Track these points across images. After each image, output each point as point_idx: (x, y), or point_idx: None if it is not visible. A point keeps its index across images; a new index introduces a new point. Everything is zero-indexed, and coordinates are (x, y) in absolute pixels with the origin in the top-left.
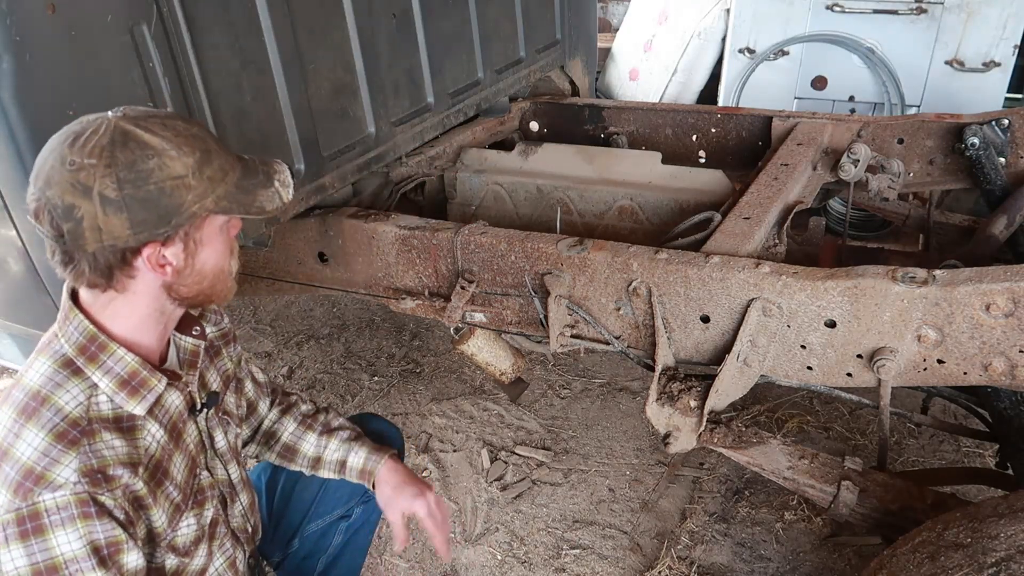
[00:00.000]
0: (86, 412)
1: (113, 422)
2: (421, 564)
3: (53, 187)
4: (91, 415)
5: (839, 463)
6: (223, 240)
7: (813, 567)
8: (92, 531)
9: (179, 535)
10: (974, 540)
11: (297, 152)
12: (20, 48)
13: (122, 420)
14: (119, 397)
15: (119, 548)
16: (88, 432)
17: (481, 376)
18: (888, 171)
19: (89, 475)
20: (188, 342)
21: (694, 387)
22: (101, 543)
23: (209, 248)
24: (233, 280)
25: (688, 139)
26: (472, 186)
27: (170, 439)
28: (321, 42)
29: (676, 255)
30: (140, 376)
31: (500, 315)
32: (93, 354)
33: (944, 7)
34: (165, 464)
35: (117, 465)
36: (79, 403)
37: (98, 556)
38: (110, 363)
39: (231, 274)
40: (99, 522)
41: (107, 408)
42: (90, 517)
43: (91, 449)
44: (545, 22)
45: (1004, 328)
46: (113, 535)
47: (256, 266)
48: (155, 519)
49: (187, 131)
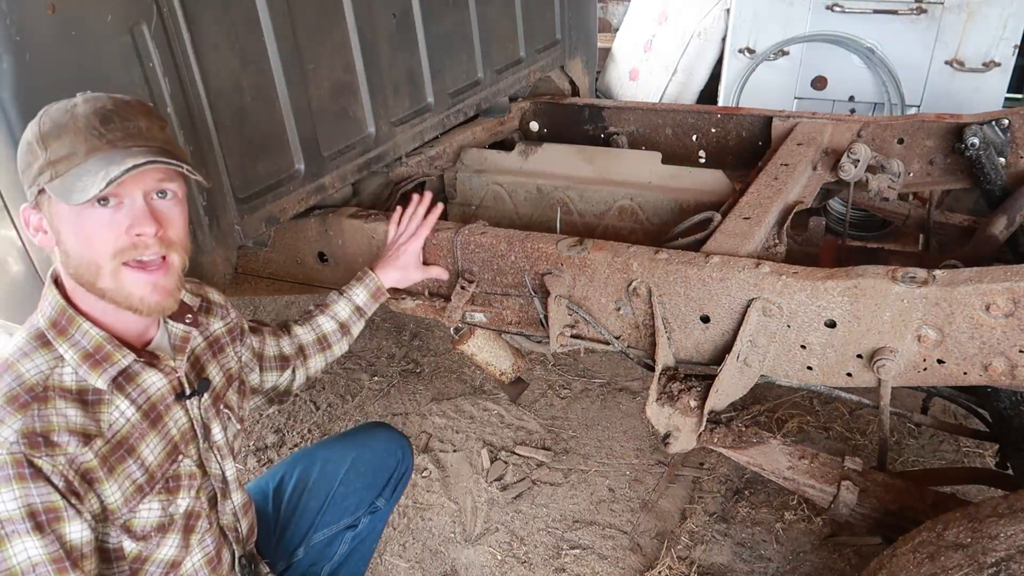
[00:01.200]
0: (44, 380)
1: (75, 393)
2: (421, 564)
3: None
4: (49, 383)
5: (839, 463)
6: (89, 225)
7: (813, 567)
8: (27, 493)
9: (137, 517)
10: (974, 540)
11: (297, 152)
12: (20, 48)
13: (86, 393)
14: (82, 370)
15: (58, 516)
16: (40, 398)
17: (481, 376)
18: (888, 171)
19: (29, 437)
20: (179, 328)
21: (694, 387)
22: (38, 507)
23: (65, 228)
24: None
25: (688, 139)
26: (472, 186)
27: (144, 419)
28: (321, 42)
29: (676, 255)
30: (104, 350)
31: (500, 315)
32: (63, 328)
33: (944, 7)
34: (133, 442)
35: (64, 432)
36: (39, 371)
37: (34, 520)
38: (77, 336)
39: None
40: (33, 485)
41: (70, 380)
42: (24, 479)
43: (39, 414)
44: (545, 22)
45: (1004, 328)
46: (50, 500)
47: (256, 266)
48: (108, 496)
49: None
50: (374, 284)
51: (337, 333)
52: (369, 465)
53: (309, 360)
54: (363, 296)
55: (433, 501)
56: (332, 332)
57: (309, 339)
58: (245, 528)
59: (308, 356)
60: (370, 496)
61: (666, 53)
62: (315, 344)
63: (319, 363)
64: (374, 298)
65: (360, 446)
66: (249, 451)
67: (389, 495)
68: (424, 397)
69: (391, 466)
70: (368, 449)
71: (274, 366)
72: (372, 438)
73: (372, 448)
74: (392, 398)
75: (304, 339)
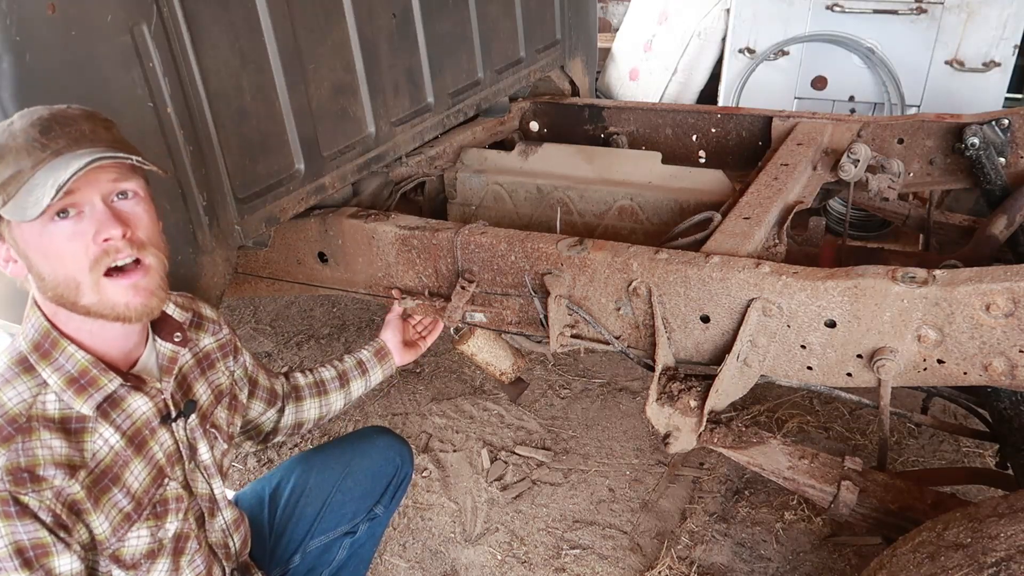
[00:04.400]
0: (28, 410)
1: (58, 423)
2: (421, 564)
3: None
4: (32, 413)
5: (839, 463)
6: (51, 242)
7: (813, 567)
8: (14, 531)
9: (126, 546)
10: (974, 540)
11: (297, 152)
12: (20, 48)
13: (69, 421)
14: (66, 395)
15: (46, 551)
16: (24, 429)
17: (481, 376)
18: (888, 171)
19: (14, 473)
20: (167, 348)
21: (694, 387)
22: (25, 544)
23: (32, 251)
24: (116, 295)
25: (688, 139)
26: (472, 186)
27: (129, 445)
28: (321, 42)
29: (676, 255)
30: (90, 375)
31: (500, 315)
32: (46, 351)
33: (944, 7)
34: (117, 471)
35: (49, 465)
36: (22, 400)
37: (22, 557)
38: (61, 360)
39: (95, 287)
40: (20, 523)
41: (53, 408)
42: (10, 516)
43: (23, 447)
44: (545, 22)
45: (1004, 328)
46: (37, 537)
47: (256, 266)
48: (96, 526)
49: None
50: (378, 345)
51: (335, 381)
52: (367, 472)
53: (303, 402)
54: (367, 353)
55: (433, 501)
56: (330, 379)
57: (307, 382)
58: (237, 543)
59: (302, 398)
60: (368, 503)
61: (666, 53)
62: (311, 387)
63: (313, 408)
64: (378, 356)
65: (359, 452)
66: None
67: (388, 502)
68: (424, 397)
69: (390, 473)
70: (367, 456)
71: (264, 397)
72: (371, 444)
73: (371, 455)
74: (392, 398)
75: (301, 381)
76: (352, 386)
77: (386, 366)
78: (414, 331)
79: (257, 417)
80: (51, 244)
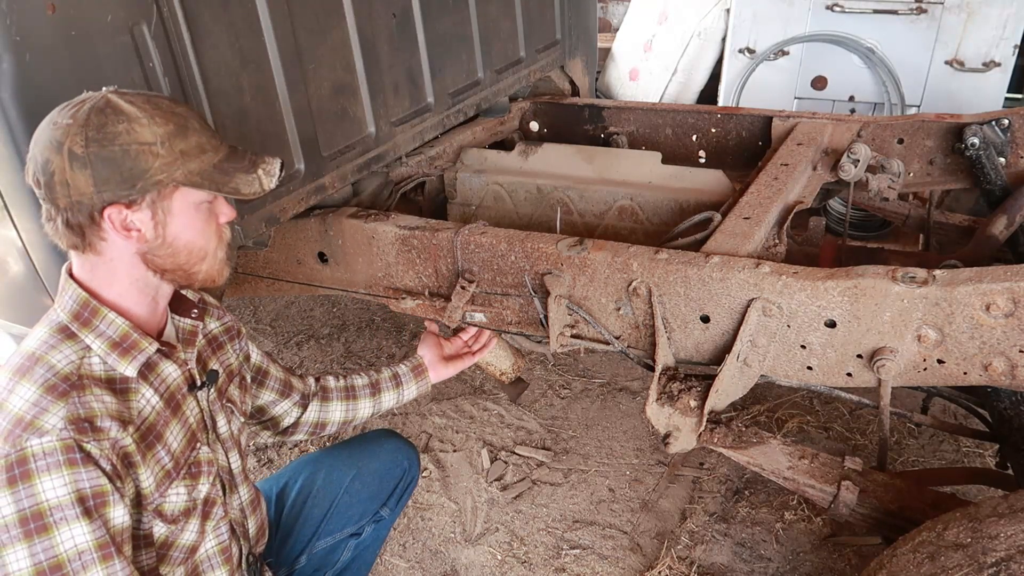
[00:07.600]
0: (77, 369)
1: (105, 382)
2: (421, 564)
3: (38, 144)
4: (82, 372)
5: (839, 463)
6: (200, 218)
7: (813, 567)
8: (78, 479)
9: (167, 502)
10: (974, 540)
11: (297, 152)
12: (20, 48)
13: (115, 381)
14: (111, 358)
15: (104, 500)
16: (78, 386)
17: (481, 376)
18: (888, 171)
19: (76, 423)
20: (186, 323)
21: (694, 387)
22: (87, 492)
23: (181, 221)
24: (220, 264)
25: (688, 139)
26: (472, 186)
27: (167, 407)
28: (321, 42)
29: (676, 255)
30: (131, 338)
31: (500, 315)
32: (86, 319)
33: (944, 7)
34: (159, 429)
35: (105, 417)
36: (71, 361)
37: (83, 505)
38: (102, 327)
39: (214, 257)
40: (84, 470)
41: (99, 369)
42: (75, 464)
43: (80, 401)
44: (545, 22)
45: (1004, 328)
46: (99, 484)
47: (256, 266)
48: (143, 480)
49: (170, 108)
50: (416, 361)
51: (366, 388)
52: (375, 475)
53: (330, 403)
54: (404, 368)
55: (433, 501)
56: (361, 386)
57: (337, 385)
58: (253, 527)
59: (329, 399)
60: (375, 505)
61: (666, 53)
62: (341, 390)
63: (338, 411)
64: (414, 372)
65: (367, 455)
66: (249, 451)
67: (394, 504)
68: (424, 397)
69: (397, 476)
70: (375, 458)
71: (276, 387)
72: (379, 447)
73: (378, 457)
74: None
75: (332, 384)
76: (383, 396)
77: (421, 383)
78: (464, 345)
79: (271, 406)
80: (199, 218)
